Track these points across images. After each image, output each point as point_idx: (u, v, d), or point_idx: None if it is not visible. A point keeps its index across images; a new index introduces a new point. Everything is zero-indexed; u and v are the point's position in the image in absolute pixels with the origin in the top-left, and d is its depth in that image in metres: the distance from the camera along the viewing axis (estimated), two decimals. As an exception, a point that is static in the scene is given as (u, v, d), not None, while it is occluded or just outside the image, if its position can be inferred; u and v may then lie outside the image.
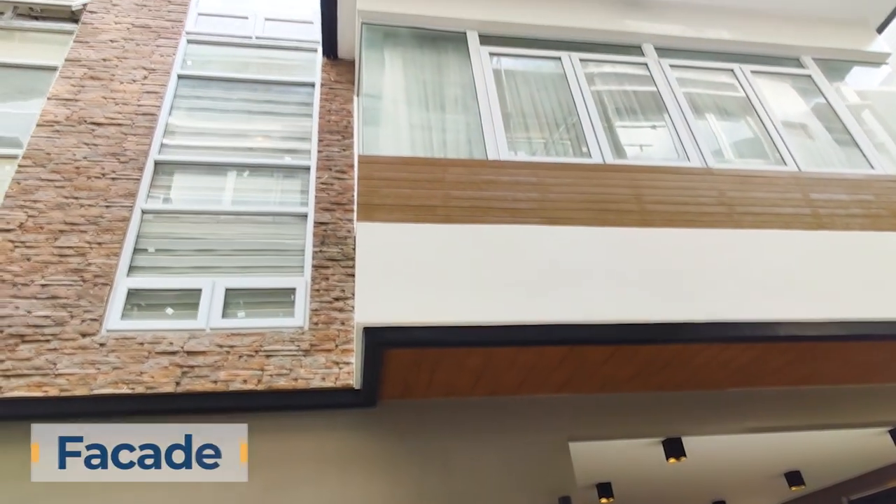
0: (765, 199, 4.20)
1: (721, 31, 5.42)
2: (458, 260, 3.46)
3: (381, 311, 3.17)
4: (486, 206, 3.73)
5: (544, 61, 5.00)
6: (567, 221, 3.77)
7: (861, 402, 4.58)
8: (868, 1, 5.81)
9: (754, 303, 3.62)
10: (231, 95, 5.48)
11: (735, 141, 5.12)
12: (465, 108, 4.61)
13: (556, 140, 4.70)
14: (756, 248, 3.92)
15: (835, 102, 5.20)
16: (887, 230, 4.22)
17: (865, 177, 4.54)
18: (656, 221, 3.90)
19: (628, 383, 4.11)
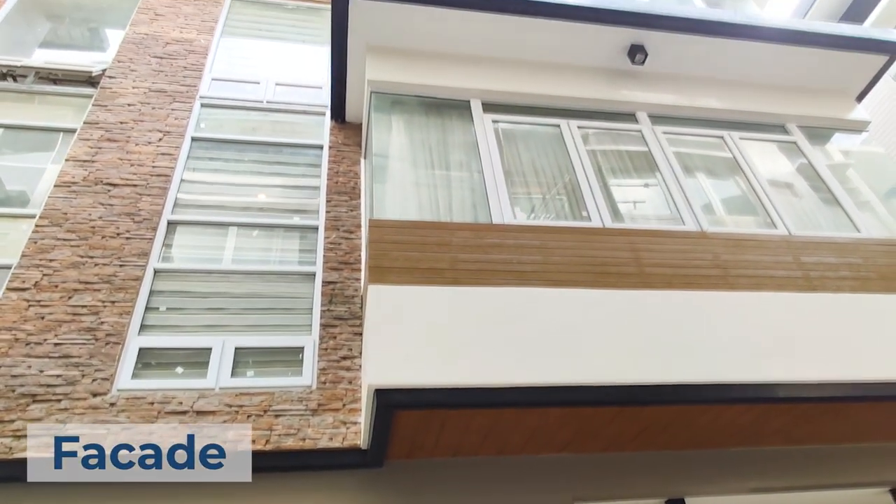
0: (758, 262, 4.37)
1: (711, 99, 5.73)
2: (466, 322, 3.57)
3: (392, 373, 3.26)
4: (491, 269, 3.87)
5: (543, 129, 5.25)
6: (570, 284, 3.91)
7: (861, 461, 4.62)
8: (847, 72, 6.15)
9: (752, 364, 3.73)
10: (242, 157, 5.69)
11: (725, 198, 5.34)
12: (469, 171, 4.81)
13: (555, 195, 4.89)
14: (752, 311, 4.06)
15: (819, 167, 5.46)
16: (876, 292, 4.38)
17: (852, 240, 4.74)
18: (656, 284, 4.05)
19: (632, 443, 4.16)
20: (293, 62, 6.90)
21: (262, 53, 6.96)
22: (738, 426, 4.12)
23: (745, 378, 3.65)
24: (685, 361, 3.66)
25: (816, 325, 4.08)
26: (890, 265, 4.59)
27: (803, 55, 5.87)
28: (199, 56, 6.46)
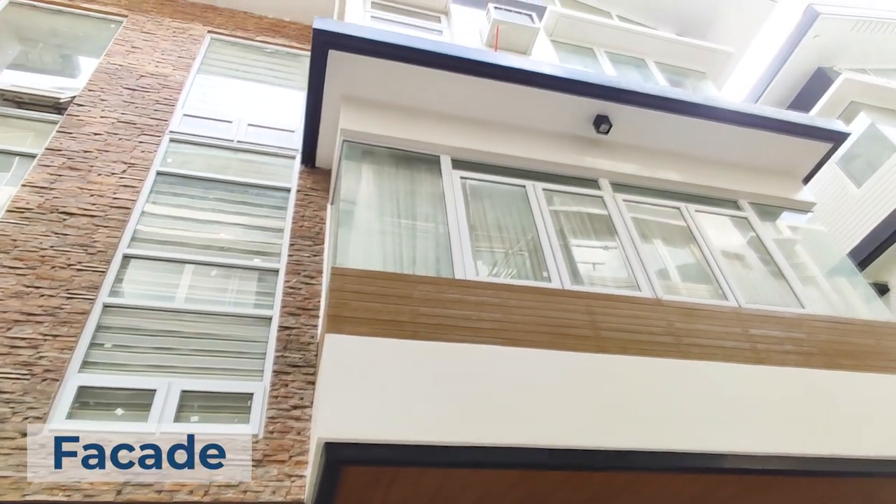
0: (709, 332, 4.50)
1: (669, 172, 6.00)
2: (422, 377, 3.55)
3: (343, 426, 3.19)
4: (451, 325, 3.88)
5: (510, 188, 5.38)
6: (528, 343, 3.94)
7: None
8: (795, 155, 6.54)
9: (700, 434, 3.79)
10: (208, 195, 5.63)
11: (681, 266, 5.52)
12: (435, 224, 4.87)
13: (517, 252, 4.98)
14: (702, 380, 4.15)
15: (768, 243, 5.72)
16: (818, 367, 4.54)
17: (797, 315, 4.93)
18: (611, 348, 4.12)
19: (581, 509, 4.13)
20: (267, 104, 6.95)
21: (236, 93, 7.00)
22: (685, 495, 4.13)
23: (694, 447, 3.70)
24: (636, 428, 3.69)
25: (762, 397, 4.19)
26: (831, 342, 4.78)
27: (755, 137, 6.23)
28: (173, 91, 6.46)
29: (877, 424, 4.27)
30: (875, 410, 4.39)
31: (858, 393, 4.47)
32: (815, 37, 10.71)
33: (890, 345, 4.95)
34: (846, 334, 4.90)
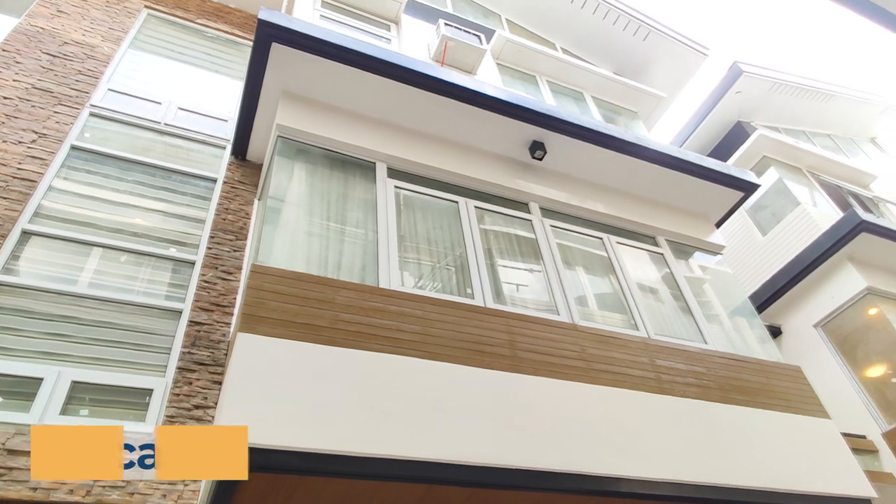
0: (619, 360, 4.68)
1: (597, 203, 6.23)
2: (334, 384, 3.47)
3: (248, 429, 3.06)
4: (371, 333, 3.83)
5: (443, 202, 5.42)
6: (446, 358, 3.95)
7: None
8: (710, 200, 6.96)
9: (602, 457, 3.91)
10: (126, 176, 5.32)
11: (598, 294, 5.72)
12: (364, 231, 4.82)
13: (444, 267, 5.00)
14: (608, 405, 4.30)
15: (680, 280, 6.04)
16: (714, 401, 4.82)
17: (699, 350, 5.22)
18: (525, 368, 4.19)
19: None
20: (201, 89, 6.68)
21: (169, 74, 6.69)
22: (583, 517, 4.24)
23: (596, 470, 3.81)
24: (543, 448, 3.76)
25: (662, 425, 4.39)
26: (728, 377, 5.08)
27: (678, 179, 6.60)
28: (99, 63, 6.09)
29: (761, 457, 4.56)
30: (760, 444, 4.68)
31: (748, 427, 4.76)
32: (737, 92, 11.53)
33: (778, 384, 5.33)
34: (741, 371, 5.23)
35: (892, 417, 7.69)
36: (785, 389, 5.31)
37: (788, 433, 4.91)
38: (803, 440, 4.93)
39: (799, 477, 4.52)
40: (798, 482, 4.47)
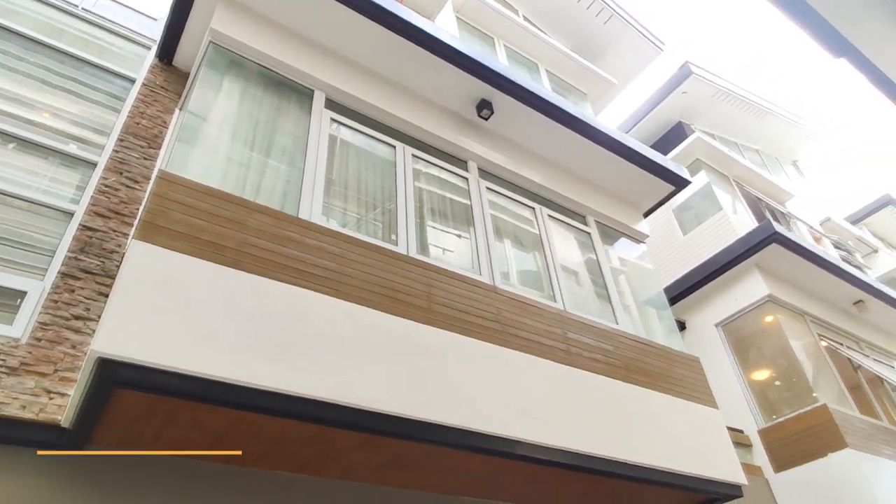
0: (533, 327, 4.68)
1: (535, 173, 6.17)
2: (233, 310, 3.23)
3: (126, 343, 2.78)
4: (281, 263, 3.59)
5: (380, 144, 5.17)
6: (359, 300, 3.78)
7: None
8: (643, 189, 7.07)
9: (503, 418, 3.90)
10: (28, 56, 4.70)
11: (521, 262, 5.71)
12: (290, 161, 4.52)
13: (370, 220, 4.80)
14: (516, 369, 4.28)
15: (602, 260, 6.12)
16: (618, 379, 4.93)
17: (610, 329, 5.32)
18: (439, 322, 4.09)
19: (374, 475, 4.06)
20: (132, -19, 6.01)
21: (96, -44, 5.96)
22: (476, 476, 4.25)
23: (494, 430, 3.79)
24: (444, 402, 3.69)
25: (565, 395, 4.43)
26: (633, 358, 5.22)
27: (616, 163, 6.63)
28: (11, -75, 5.32)
29: (653, 436, 4.72)
30: (654, 424, 4.85)
31: (644, 407, 4.92)
32: (683, 92, 11.80)
33: (677, 371, 5.53)
34: (646, 354, 5.38)
35: (768, 416, 8.26)
36: (683, 377, 5.52)
37: (680, 417, 5.12)
38: (692, 425, 5.16)
39: (684, 458, 4.73)
40: (682, 463, 4.67)
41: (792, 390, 8.46)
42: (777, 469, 7.71)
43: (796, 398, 8.27)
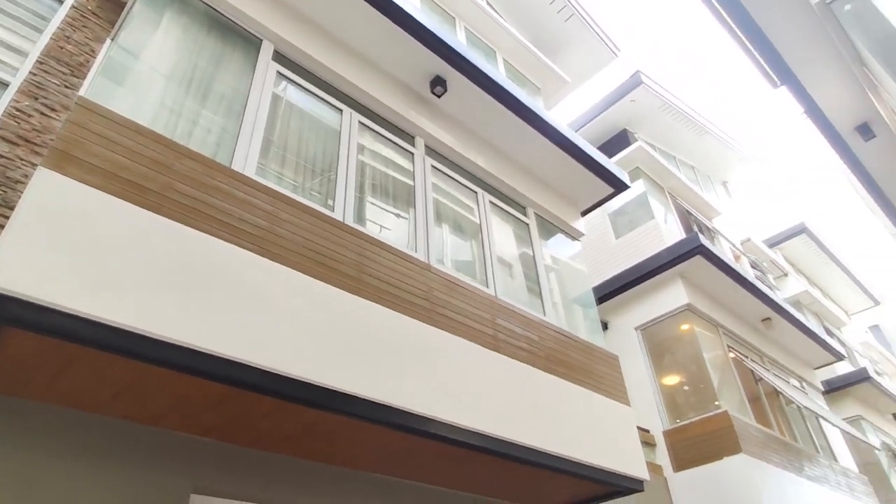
0: (462, 309, 4.65)
1: (481, 158, 6.13)
2: (148, 255, 3.01)
3: (19, 278, 2.53)
4: (207, 214, 3.38)
5: (327, 108, 4.98)
6: (286, 262, 3.62)
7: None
8: (582, 188, 7.18)
9: (421, 397, 3.85)
10: (-63, -46, 4.21)
11: (459, 242, 5.67)
12: (228, 111, 4.28)
13: (307, 189, 4.61)
14: (442, 349, 4.25)
15: (537, 252, 6.19)
16: (540, 369, 4.99)
17: (537, 320, 5.38)
18: (368, 294, 3.99)
19: (286, 444, 3.92)
20: None
21: None
22: (387, 453, 4.20)
23: (411, 407, 3.74)
24: (363, 375, 3.60)
25: (488, 380, 4.44)
26: (556, 350, 5.30)
27: (562, 158, 6.69)
28: None
29: (567, 427, 4.81)
30: (569, 415, 4.95)
31: (562, 398, 5.01)
32: (631, 101, 12.10)
33: (597, 367, 5.67)
34: (569, 348, 5.48)
35: (674, 419, 8.67)
36: (601, 373, 5.67)
37: (594, 411, 5.25)
38: (605, 420, 5.31)
39: (594, 451, 4.85)
40: (592, 455, 4.79)
41: (698, 396, 8.90)
42: (676, 469, 8.11)
43: (701, 403, 8.71)
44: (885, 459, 13.82)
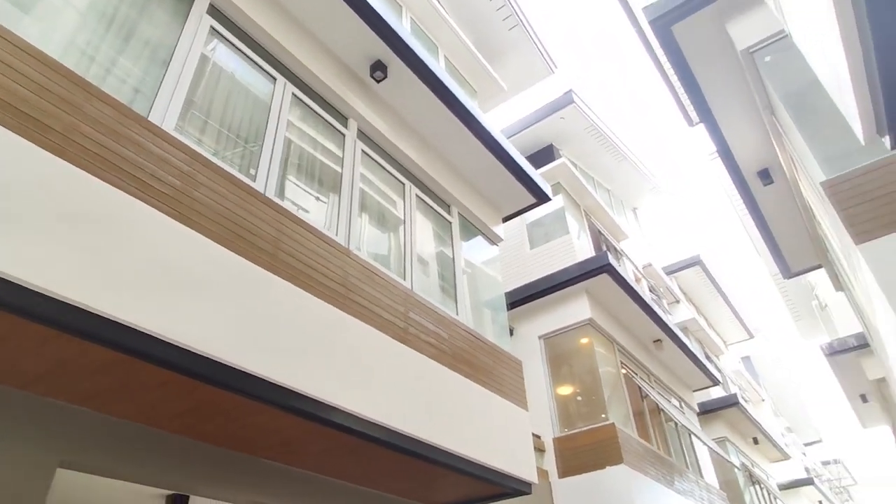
0: (377, 299, 4.59)
1: (412, 149, 6.09)
2: (42, 199, 2.73)
3: None
4: (117, 165, 3.11)
5: (260, 75, 4.75)
6: (196, 226, 3.40)
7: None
8: (507, 194, 7.31)
9: (327, 382, 3.75)
10: None
11: (381, 231, 5.60)
12: (150, 59, 3.97)
13: (228, 158, 4.37)
14: (352, 337, 4.17)
15: (457, 251, 6.23)
16: (446, 366, 5.01)
17: (449, 318, 5.41)
18: (283, 272, 3.84)
19: (173, 421, 3.68)
20: None
21: None
22: (281, 438, 4.05)
23: (317, 393, 3.63)
24: (269, 355, 3.46)
25: (394, 373, 4.40)
26: (463, 349, 5.35)
27: (490, 163, 6.77)
28: None
29: (466, 425, 4.87)
30: (469, 414, 5.01)
31: (464, 397, 5.06)
32: (561, 118, 12.50)
33: (500, 369, 5.79)
34: (476, 348, 5.55)
35: (564, 427, 9.02)
36: (504, 376, 5.79)
37: (494, 413, 5.35)
38: (502, 422, 5.42)
39: (489, 451, 4.94)
40: (487, 456, 4.88)
41: (589, 407, 9.32)
42: (561, 475, 8.44)
43: (591, 414, 9.13)
44: (742, 478, 15.13)
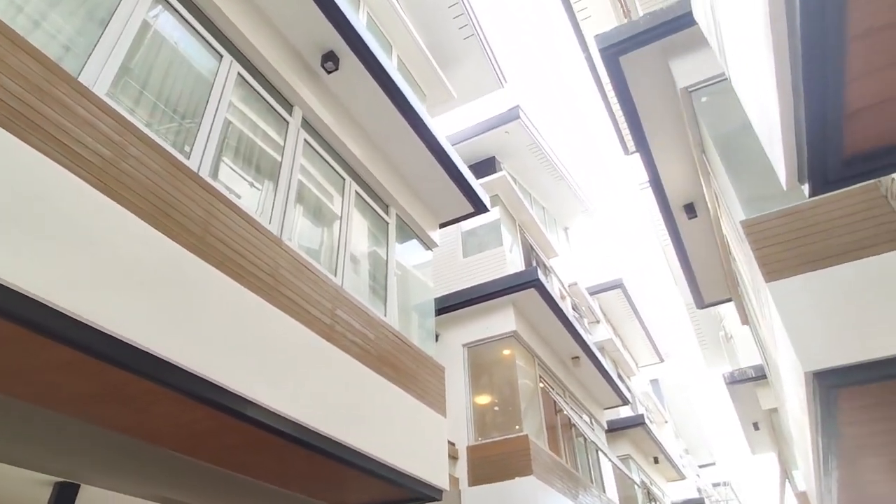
0: (306, 293, 4.49)
1: (356, 145, 6.01)
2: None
3: None
4: (40, 126, 2.89)
5: (205, 50, 4.55)
6: (123, 201, 3.20)
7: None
8: (446, 201, 7.37)
9: (246, 374, 3.63)
10: None
11: (315, 225, 5.48)
12: (87, 18, 3.72)
13: (162, 133, 4.16)
14: (274, 330, 4.05)
15: (390, 252, 6.20)
16: (369, 367, 4.97)
17: (377, 319, 5.36)
18: (210, 257, 3.68)
19: (74, 405, 3.43)
20: None
21: None
22: (194, 431, 3.87)
23: (234, 385, 3.50)
24: (188, 342, 3.31)
25: (317, 370, 4.32)
26: (388, 351, 5.32)
27: (433, 167, 6.80)
28: None
29: (383, 428, 4.83)
30: (387, 416, 4.98)
31: (385, 399, 5.03)
32: (505, 132, 12.72)
33: (423, 374, 5.79)
34: (401, 351, 5.53)
35: (479, 436, 9.14)
36: (426, 381, 5.80)
37: (412, 417, 5.35)
38: (420, 427, 5.42)
39: (405, 455, 4.93)
40: (402, 460, 4.87)
41: (505, 417, 9.49)
42: (472, 483, 8.53)
43: (506, 425, 9.29)
44: (640, 495, 15.84)
